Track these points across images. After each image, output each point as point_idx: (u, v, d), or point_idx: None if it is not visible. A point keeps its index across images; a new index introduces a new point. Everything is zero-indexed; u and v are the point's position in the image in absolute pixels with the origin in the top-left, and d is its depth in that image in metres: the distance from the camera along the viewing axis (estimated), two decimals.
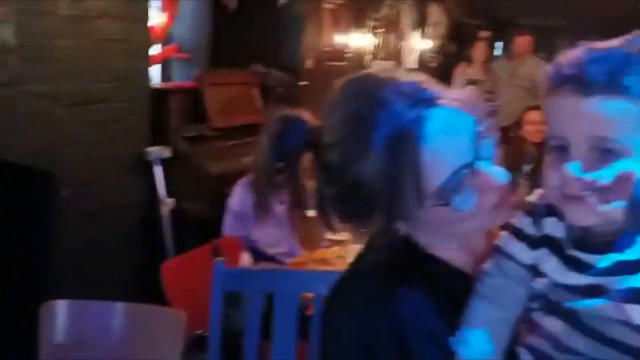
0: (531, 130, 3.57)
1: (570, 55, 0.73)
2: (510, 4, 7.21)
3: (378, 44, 6.11)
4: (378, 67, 0.86)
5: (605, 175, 0.66)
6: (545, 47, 5.83)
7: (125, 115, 3.04)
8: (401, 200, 0.81)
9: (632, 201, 0.64)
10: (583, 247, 0.77)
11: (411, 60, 6.86)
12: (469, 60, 6.14)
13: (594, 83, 0.69)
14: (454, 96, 0.84)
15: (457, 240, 0.90)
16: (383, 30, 6.13)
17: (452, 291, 0.86)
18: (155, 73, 3.91)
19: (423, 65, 6.98)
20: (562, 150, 0.72)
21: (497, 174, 0.86)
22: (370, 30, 5.90)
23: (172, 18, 3.82)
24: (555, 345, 0.78)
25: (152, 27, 3.54)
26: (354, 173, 0.82)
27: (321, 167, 0.87)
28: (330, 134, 0.85)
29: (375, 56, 6.04)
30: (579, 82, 0.70)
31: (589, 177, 0.67)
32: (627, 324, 0.72)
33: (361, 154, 0.81)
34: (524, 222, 0.84)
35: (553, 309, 0.78)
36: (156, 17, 3.71)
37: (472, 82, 5.95)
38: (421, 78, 0.86)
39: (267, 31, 4.30)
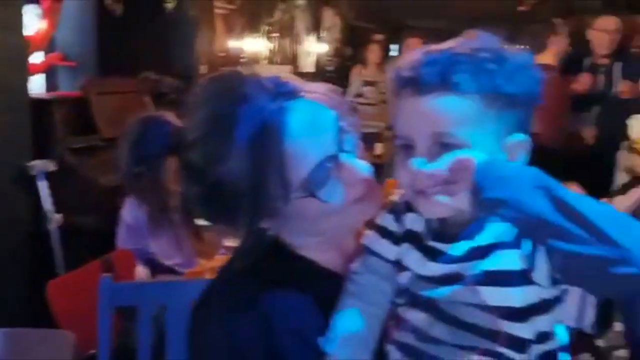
0: None
1: (408, 59, 0.77)
2: (401, 7, 7.44)
3: (274, 49, 6.13)
4: (274, 72, 0.86)
5: (441, 166, 0.70)
6: None
7: (2, 128, 2.86)
8: (266, 194, 0.80)
9: (473, 189, 0.67)
10: (440, 237, 0.81)
11: (308, 64, 6.94)
12: (364, 62, 6.28)
13: (428, 83, 0.73)
14: (314, 89, 0.86)
15: (326, 239, 0.90)
16: (278, 34, 6.15)
17: (322, 291, 0.87)
18: (39, 83, 3.72)
19: (321, 68, 7.08)
20: (409, 149, 0.76)
21: (361, 167, 0.87)
22: (265, 34, 5.91)
23: (53, 25, 3.64)
24: (419, 337, 0.80)
25: (31, 35, 3.36)
26: (217, 172, 0.81)
27: (184, 167, 0.85)
28: (192, 134, 0.84)
29: (271, 61, 6.06)
30: (416, 84, 0.74)
31: (427, 170, 0.71)
32: (482, 307, 0.75)
33: (224, 151, 0.80)
34: (387, 220, 0.87)
35: (415, 301, 0.81)
36: (36, 24, 3.53)
37: (368, 83, 6.09)
38: (282, 73, 0.87)
39: (157, 37, 4.19)
